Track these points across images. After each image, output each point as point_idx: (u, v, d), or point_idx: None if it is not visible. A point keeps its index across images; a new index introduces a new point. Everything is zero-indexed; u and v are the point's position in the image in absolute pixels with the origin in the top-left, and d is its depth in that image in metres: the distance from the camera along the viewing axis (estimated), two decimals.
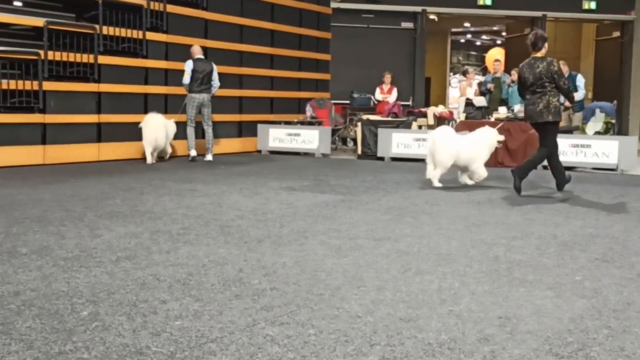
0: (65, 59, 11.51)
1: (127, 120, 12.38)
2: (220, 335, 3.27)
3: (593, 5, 19.27)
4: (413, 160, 13.23)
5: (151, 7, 12.99)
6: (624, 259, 5.02)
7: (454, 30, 28.62)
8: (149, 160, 11.74)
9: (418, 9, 18.85)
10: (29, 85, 11.05)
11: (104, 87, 12.15)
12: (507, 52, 22.59)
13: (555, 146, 8.63)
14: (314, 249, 5.16)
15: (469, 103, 14.97)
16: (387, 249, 5.20)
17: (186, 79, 12.20)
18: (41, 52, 11.19)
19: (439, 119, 15.24)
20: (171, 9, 13.41)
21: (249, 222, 6.24)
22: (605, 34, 20.55)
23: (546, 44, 8.70)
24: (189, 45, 13.07)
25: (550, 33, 20.82)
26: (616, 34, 20.01)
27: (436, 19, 20.70)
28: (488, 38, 32.33)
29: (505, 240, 5.65)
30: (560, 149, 9.98)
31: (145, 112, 12.71)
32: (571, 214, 7.07)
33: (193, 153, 12.47)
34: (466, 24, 27.45)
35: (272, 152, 14.61)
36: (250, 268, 4.55)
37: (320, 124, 15.47)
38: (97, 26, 12.03)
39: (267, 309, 3.68)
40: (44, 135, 11.38)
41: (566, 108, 13.80)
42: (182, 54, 13.04)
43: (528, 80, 8.50)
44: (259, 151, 14.77)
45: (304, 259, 4.82)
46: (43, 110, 11.31)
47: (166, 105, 13.15)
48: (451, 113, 15.79)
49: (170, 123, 12.21)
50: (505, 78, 14.99)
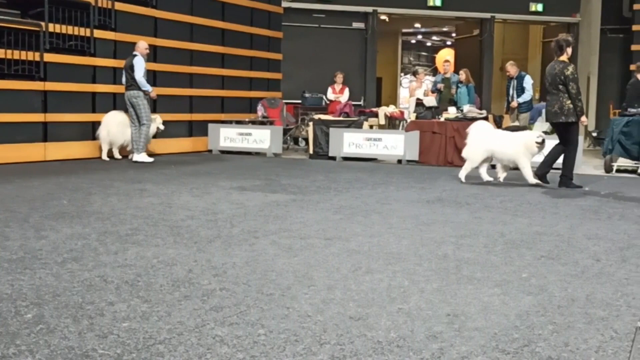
0: (9, 56, 11.26)
1: (75, 119, 12.19)
2: (168, 336, 3.23)
3: (540, 8, 19.64)
4: (364, 160, 13.32)
5: (99, 5, 12.79)
6: (568, 256, 5.12)
7: (404, 30, 28.86)
8: (104, 156, 12.18)
9: (369, 9, 18.96)
10: None
11: (50, 86, 11.92)
12: (457, 53, 22.86)
13: (576, 143, 9.43)
14: (265, 249, 5.14)
15: (419, 103, 15.13)
16: (338, 248, 5.22)
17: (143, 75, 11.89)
18: None
19: (390, 119, 15.35)
20: (120, 6, 13.23)
21: (199, 223, 6.19)
22: (551, 36, 20.86)
23: (569, 49, 9.40)
24: None
25: (499, 35, 21.20)
26: (562, 35, 20.39)
27: (387, 20, 20.85)
28: (438, 39, 32.69)
29: (454, 238, 5.71)
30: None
31: (93, 111, 12.57)
32: (518, 213, 7.18)
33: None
34: (417, 25, 27.70)
35: (223, 152, 14.53)
36: (199, 268, 4.51)
37: (271, 123, 15.44)
38: (43, 23, 11.79)
39: (217, 309, 3.65)
40: None
41: (512, 108, 14.06)
42: (131, 52, 12.87)
43: (547, 82, 9.34)
44: (210, 151, 14.68)
45: (254, 259, 4.81)
46: None
47: (114, 104, 12.96)
48: (402, 113, 15.93)
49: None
50: (454, 78, 15.18)
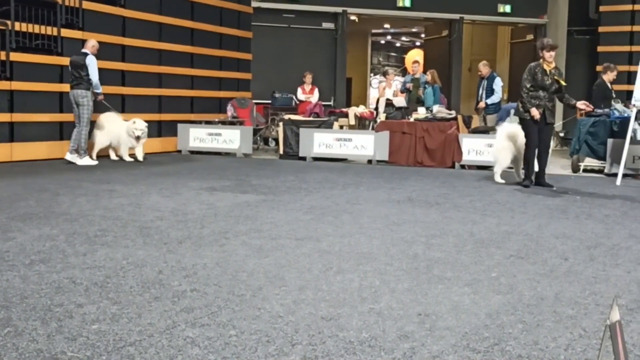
0: None
1: (42, 119, 12.03)
2: (139, 338, 3.21)
3: (508, 9, 19.81)
4: (335, 160, 13.33)
5: (66, 3, 12.64)
6: (537, 255, 5.18)
7: (374, 31, 28.92)
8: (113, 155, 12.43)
9: (339, 9, 18.97)
10: None
11: (17, 85, 11.74)
12: (426, 54, 22.96)
13: (530, 141, 9.54)
14: (235, 250, 5.12)
15: (389, 103, 15.16)
16: (309, 249, 5.22)
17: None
18: None
19: (360, 119, 15.38)
20: (87, 5, 13.07)
21: (168, 223, 6.15)
22: (519, 37, 21.14)
23: (540, 52, 9.95)
24: (106, 43, 12.79)
25: (467, 36, 21.33)
26: (530, 36, 20.60)
27: (357, 20, 20.87)
28: (407, 40, 32.81)
29: (425, 238, 5.74)
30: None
31: (61, 111, 12.40)
32: (487, 212, 7.24)
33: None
34: (386, 26, 27.78)
35: (193, 152, 14.45)
36: (170, 270, 4.49)
37: (241, 123, 15.38)
38: (9, 22, 11.62)
39: (188, 310, 3.63)
40: None
41: (480, 109, 14.18)
42: (99, 51, 12.74)
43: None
44: (179, 151, 14.58)
45: (225, 260, 4.79)
46: None
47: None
48: (372, 113, 15.95)
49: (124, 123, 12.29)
50: (423, 79, 15.25)
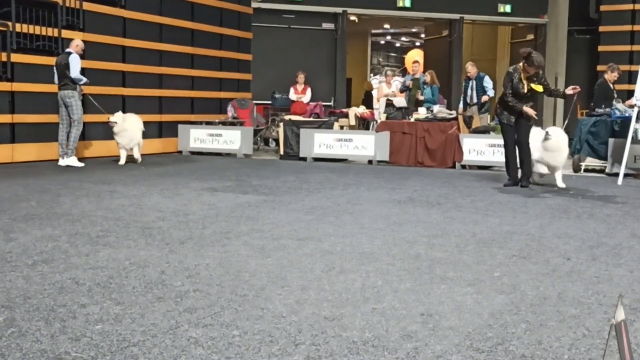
0: None
1: (43, 120, 12.03)
2: (142, 338, 3.20)
3: (508, 9, 19.81)
4: (335, 161, 13.34)
5: (67, 5, 12.64)
6: (539, 255, 5.18)
7: (374, 31, 28.93)
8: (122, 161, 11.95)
9: (339, 10, 18.97)
10: None
11: (18, 86, 11.75)
12: (426, 54, 22.96)
13: (506, 142, 9.72)
14: (237, 250, 5.12)
15: (389, 104, 15.18)
16: (311, 249, 5.21)
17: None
18: None
19: (360, 120, 15.39)
20: (88, 6, 13.08)
21: (170, 224, 6.15)
22: (519, 37, 21.13)
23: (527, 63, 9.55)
24: (107, 44, 12.79)
25: (467, 35, 21.32)
26: (530, 36, 20.61)
27: (356, 20, 20.87)
28: (407, 40, 32.81)
29: (426, 238, 5.74)
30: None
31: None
32: (489, 212, 7.24)
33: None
34: (386, 26, 27.78)
35: (194, 153, 14.46)
36: (172, 270, 4.49)
37: (242, 124, 15.39)
38: (10, 23, 11.62)
39: (190, 310, 3.63)
40: None
41: (471, 104, 14.13)
42: (100, 52, 12.76)
43: None
44: (180, 152, 14.59)
45: (227, 260, 4.79)
46: None
47: (83, 105, 12.79)
48: (372, 113, 15.96)
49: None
50: (423, 79, 15.25)
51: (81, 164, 11.45)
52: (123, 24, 13.93)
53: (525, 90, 9.35)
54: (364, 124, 15.30)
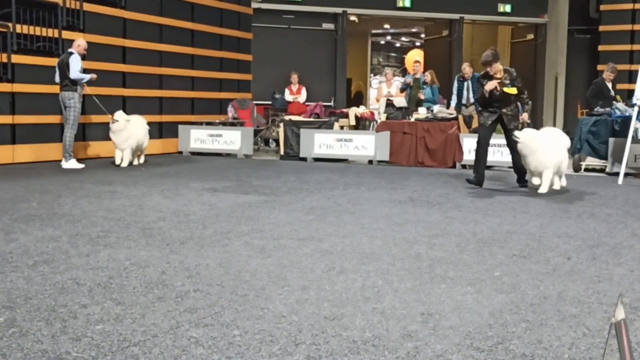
0: None
1: (43, 121, 12.03)
2: (143, 338, 3.21)
3: (508, 9, 19.82)
4: (335, 161, 13.34)
5: (67, 5, 12.64)
6: (540, 255, 5.18)
7: (374, 31, 28.91)
8: (125, 163, 11.58)
9: (339, 10, 18.97)
10: None
11: (18, 87, 11.75)
12: (426, 54, 22.96)
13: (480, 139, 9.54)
14: (238, 250, 5.13)
15: (389, 104, 15.17)
16: (311, 249, 5.22)
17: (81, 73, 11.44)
18: None
19: (360, 120, 15.38)
20: (88, 7, 13.08)
21: (171, 224, 6.16)
22: (519, 37, 21.14)
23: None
24: (107, 45, 12.78)
25: (468, 35, 21.33)
26: (530, 36, 20.62)
27: (356, 20, 20.87)
28: (407, 40, 32.79)
29: (427, 238, 5.74)
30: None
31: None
32: (489, 212, 7.25)
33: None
34: (386, 26, 27.77)
35: (194, 153, 14.46)
36: (173, 270, 4.49)
37: (242, 124, 15.39)
38: (10, 24, 11.63)
39: (191, 310, 3.64)
40: None
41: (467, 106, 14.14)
42: (100, 53, 12.76)
43: None
44: (180, 152, 14.59)
45: (227, 260, 4.79)
46: None
47: (83, 106, 12.81)
48: (372, 114, 15.95)
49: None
50: (423, 79, 15.24)
51: (81, 165, 11.42)
52: (123, 24, 13.93)
53: (498, 93, 9.10)
54: (363, 124, 15.30)
